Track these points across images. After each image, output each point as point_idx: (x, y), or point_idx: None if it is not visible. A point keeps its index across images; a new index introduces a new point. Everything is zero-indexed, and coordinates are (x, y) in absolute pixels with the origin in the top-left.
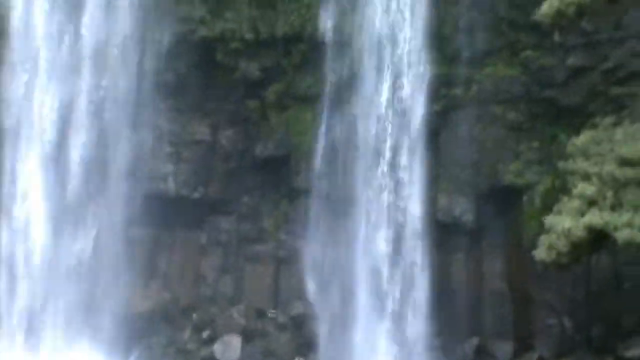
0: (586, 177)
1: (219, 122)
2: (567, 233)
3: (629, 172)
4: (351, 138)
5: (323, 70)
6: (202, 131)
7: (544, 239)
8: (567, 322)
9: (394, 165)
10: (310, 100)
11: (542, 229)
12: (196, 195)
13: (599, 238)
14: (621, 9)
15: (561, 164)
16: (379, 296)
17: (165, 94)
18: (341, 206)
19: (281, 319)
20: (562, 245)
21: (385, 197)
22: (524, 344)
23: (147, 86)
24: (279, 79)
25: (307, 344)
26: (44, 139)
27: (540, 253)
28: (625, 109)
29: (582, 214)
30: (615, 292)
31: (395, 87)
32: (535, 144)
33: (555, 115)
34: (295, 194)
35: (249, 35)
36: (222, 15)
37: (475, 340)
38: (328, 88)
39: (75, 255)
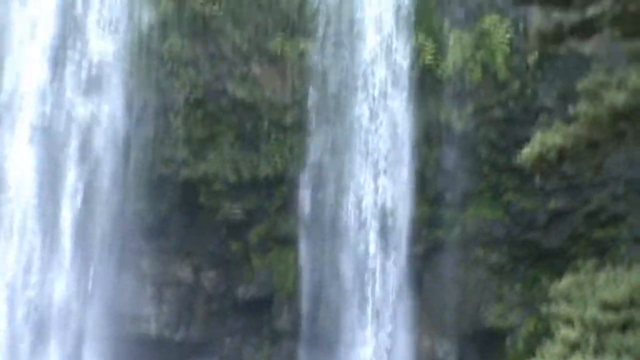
0: (568, 321)
1: (201, 263)
2: None
3: (611, 317)
4: (335, 279)
5: (304, 212)
6: (184, 272)
7: None
8: None
9: (378, 308)
10: (292, 241)
11: None
12: (178, 337)
13: None
14: (602, 152)
15: (544, 308)
16: None
17: (148, 235)
18: (325, 349)
19: None
20: None
21: (373, 340)
22: None
23: (129, 227)
24: (261, 220)
25: None
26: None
27: None
28: (607, 252)
29: (565, 359)
30: None
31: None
32: (518, 287)
33: (537, 258)
34: (278, 337)
35: (232, 177)
36: (205, 157)
37: None
38: (308, 229)
39: None
